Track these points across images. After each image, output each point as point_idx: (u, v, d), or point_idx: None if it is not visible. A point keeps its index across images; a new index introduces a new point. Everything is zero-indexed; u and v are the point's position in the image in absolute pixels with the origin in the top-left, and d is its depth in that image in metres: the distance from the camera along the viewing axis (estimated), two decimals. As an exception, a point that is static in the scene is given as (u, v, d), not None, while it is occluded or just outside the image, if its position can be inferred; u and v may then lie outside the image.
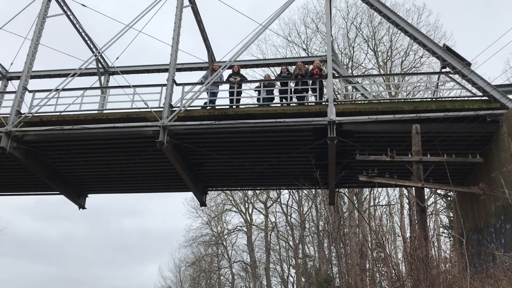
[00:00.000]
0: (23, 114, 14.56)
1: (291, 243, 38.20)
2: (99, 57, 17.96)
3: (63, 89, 14.86)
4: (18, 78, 16.29)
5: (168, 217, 77.57)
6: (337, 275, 28.96)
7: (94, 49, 17.85)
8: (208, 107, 14.81)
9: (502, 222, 12.31)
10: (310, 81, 14.82)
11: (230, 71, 15.64)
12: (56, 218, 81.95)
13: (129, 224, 78.97)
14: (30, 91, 15.10)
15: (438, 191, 24.85)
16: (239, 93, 14.89)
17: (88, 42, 17.96)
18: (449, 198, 25.18)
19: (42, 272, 78.59)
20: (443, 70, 13.98)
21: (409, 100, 14.32)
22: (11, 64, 17.46)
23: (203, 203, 18.29)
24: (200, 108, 14.72)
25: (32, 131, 14.37)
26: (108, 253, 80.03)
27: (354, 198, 27.27)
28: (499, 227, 12.48)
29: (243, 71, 16.72)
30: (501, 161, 12.28)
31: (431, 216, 25.99)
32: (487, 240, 13.19)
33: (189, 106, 14.03)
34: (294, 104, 14.66)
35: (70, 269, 77.52)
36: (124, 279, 75.30)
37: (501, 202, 11.93)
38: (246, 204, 41.53)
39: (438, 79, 14.88)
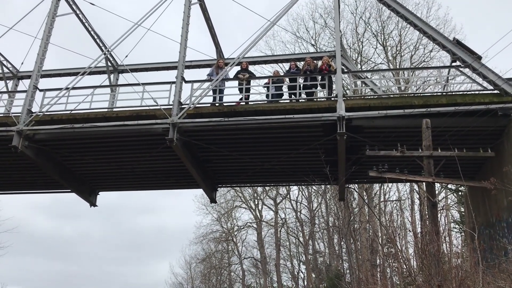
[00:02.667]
0: (34, 113, 14.68)
1: (301, 239, 38.21)
2: (108, 56, 18.05)
3: (73, 88, 14.97)
4: (28, 77, 16.43)
5: (182, 214, 78.05)
6: (348, 271, 28.91)
7: (103, 48, 17.93)
8: (217, 104, 14.82)
9: (514, 217, 12.22)
10: (319, 77, 14.77)
11: (238, 68, 15.62)
12: (72, 216, 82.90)
13: (144, 222, 79.48)
14: (40, 90, 15.22)
15: (449, 186, 24.70)
16: (247, 90, 14.89)
17: (97, 40, 18.04)
18: (460, 193, 25.02)
19: (58, 269, 79.66)
20: (453, 64, 13.87)
21: (419, 94, 14.23)
22: (22, 63, 17.64)
23: (213, 200, 18.34)
24: (209, 105, 14.75)
25: (43, 130, 14.49)
26: (123, 251, 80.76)
27: (364, 193, 27.18)
28: (511, 222, 12.38)
29: (251, 68, 16.70)
30: (513, 155, 12.17)
31: (442, 211, 25.84)
32: (499, 234, 13.09)
33: (198, 103, 14.06)
34: (303, 100, 14.63)
35: (85, 267, 78.36)
36: (138, 277, 75.99)
37: (513, 197, 11.82)
38: (256, 200, 41.60)
39: (448, 73, 14.76)
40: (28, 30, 16.40)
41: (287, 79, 15.46)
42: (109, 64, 18.75)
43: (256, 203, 41.67)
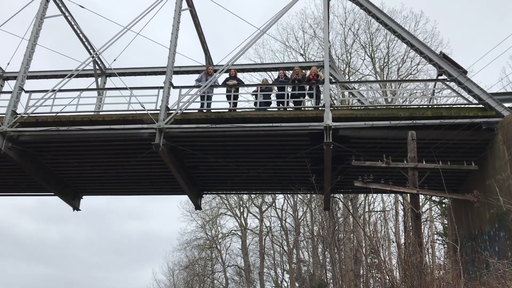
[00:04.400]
0: (19, 114, 14.51)
1: (285, 247, 38.14)
2: (97, 59, 17.95)
3: (60, 90, 14.83)
4: (14, 78, 16.27)
5: (169, 220, 77.36)
6: (331, 281, 28.90)
7: (91, 51, 17.84)
8: (205, 110, 14.80)
9: (496, 230, 12.35)
10: (307, 86, 14.85)
11: (226, 75, 15.65)
12: (57, 219, 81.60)
13: (131, 227, 78.45)
14: (26, 92, 15.06)
15: (433, 198, 24.92)
16: (236, 97, 14.90)
17: (86, 43, 17.94)
18: (443, 205, 25.24)
19: (41, 273, 78.21)
20: (440, 77, 14.05)
21: (405, 106, 14.37)
22: (8, 64, 17.44)
23: (198, 207, 18.25)
24: (196, 111, 14.72)
25: (28, 132, 14.32)
26: (108, 255, 79.62)
27: (349, 203, 27.27)
28: (493, 235, 12.52)
29: (240, 75, 16.72)
30: (496, 168, 12.33)
31: (425, 222, 26.06)
32: (481, 247, 13.23)
33: (185, 109, 14.03)
34: (291, 109, 14.68)
35: (70, 271, 77.14)
36: (123, 282, 74.99)
37: (495, 210, 11.97)
38: (241, 208, 41.45)
39: (434, 86, 14.94)
40: (15, 31, 16.27)
41: (275, 88, 15.52)
42: (97, 67, 18.64)
43: (241, 210, 41.55)
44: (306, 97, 15.22)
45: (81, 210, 18.60)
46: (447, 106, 14.24)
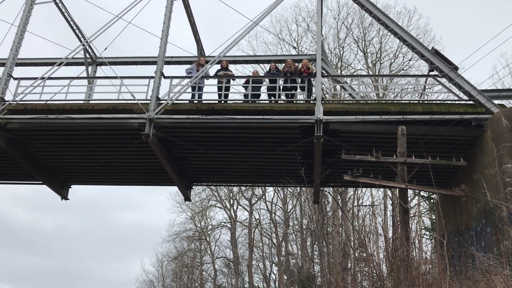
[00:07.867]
0: (7, 101, 14.34)
1: (274, 240, 38.30)
2: (87, 47, 17.76)
3: (49, 78, 14.68)
4: (3, 65, 16.01)
5: (163, 212, 77.18)
6: (319, 274, 29.08)
7: (82, 39, 17.64)
8: (196, 101, 14.73)
9: (483, 226, 12.47)
10: (299, 79, 14.83)
11: (218, 66, 15.57)
12: (52, 209, 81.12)
13: (126, 218, 78.32)
14: (15, 79, 14.90)
15: (422, 193, 25.09)
16: (227, 89, 14.84)
17: (77, 31, 17.73)
18: (432, 201, 25.44)
19: (33, 263, 78.18)
20: (431, 73, 14.10)
21: (396, 101, 14.40)
22: (-4, 50, 17.24)
23: (187, 198, 18.20)
24: (187, 102, 14.64)
25: (16, 119, 14.17)
26: (102, 246, 79.47)
27: (339, 197, 27.39)
28: (480, 230, 12.64)
29: (232, 67, 16.66)
30: (484, 165, 12.42)
31: (413, 217, 26.25)
32: (468, 242, 13.36)
33: (176, 100, 13.95)
34: (282, 102, 14.66)
35: (62, 261, 77.00)
36: (115, 273, 74.97)
37: (482, 204, 12.06)
38: (231, 200, 41.49)
39: (425, 82, 14.99)
40: (4, 17, 16.06)
41: (266, 80, 15.48)
42: (88, 55, 18.44)
43: (231, 203, 41.59)
44: (298, 90, 15.20)
45: (70, 200, 18.49)
46: (438, 102, 14.27)
